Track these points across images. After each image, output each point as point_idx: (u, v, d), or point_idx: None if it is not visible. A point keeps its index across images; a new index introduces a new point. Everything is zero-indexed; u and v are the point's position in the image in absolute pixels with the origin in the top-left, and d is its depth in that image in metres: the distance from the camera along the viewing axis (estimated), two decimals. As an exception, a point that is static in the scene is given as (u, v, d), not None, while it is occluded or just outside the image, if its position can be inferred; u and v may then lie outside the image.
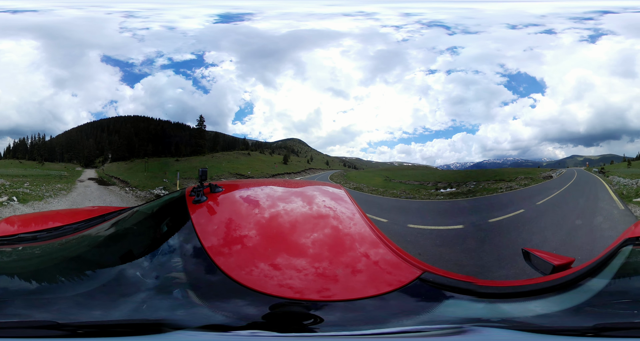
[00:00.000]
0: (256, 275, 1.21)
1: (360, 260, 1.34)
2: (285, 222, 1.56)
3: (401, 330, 1.08)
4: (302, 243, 1.40)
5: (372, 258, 1.36)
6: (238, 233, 1.47)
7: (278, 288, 1.15)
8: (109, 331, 1.06)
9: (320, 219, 1.61)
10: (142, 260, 1.40)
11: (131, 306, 1.13)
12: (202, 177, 1.88)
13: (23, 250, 1.69)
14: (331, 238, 1.47)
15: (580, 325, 1.08)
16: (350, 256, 1.37)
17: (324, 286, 1.20)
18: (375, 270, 1.31)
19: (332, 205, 1.76)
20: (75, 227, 1.93)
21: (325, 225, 1.55)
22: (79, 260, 1.58)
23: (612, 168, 14.78)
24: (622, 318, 1.10)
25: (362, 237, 1.48)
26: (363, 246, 1.43)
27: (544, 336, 1.07)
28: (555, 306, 1.17)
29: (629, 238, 1.54)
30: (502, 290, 1.38)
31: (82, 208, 2.83)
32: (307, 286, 1.18)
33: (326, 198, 1.87)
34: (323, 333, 1.06)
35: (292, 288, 1.16)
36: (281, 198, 1.83)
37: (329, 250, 1.38)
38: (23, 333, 1.04)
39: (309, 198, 1.88)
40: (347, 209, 1.70)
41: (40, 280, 1.37)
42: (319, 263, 1.30)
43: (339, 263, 1.32)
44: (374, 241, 1.44)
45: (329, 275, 1.25)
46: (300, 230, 1.49)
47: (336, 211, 1.68)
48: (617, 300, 1.19)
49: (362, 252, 1.39)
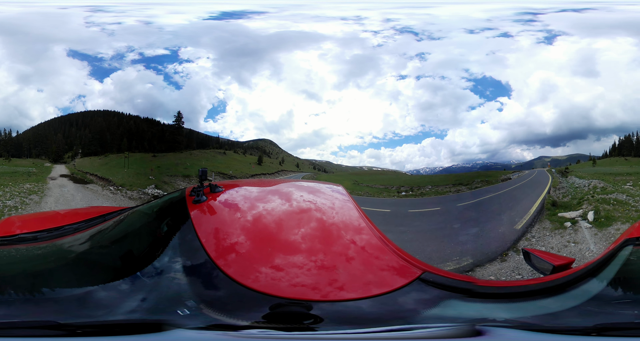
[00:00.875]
0: (256, 274, 1.21)
1: (360, 260, 1.34)
2: (285, 221, 1.56)
3: (401, 329, 1.08)
4: (302, 241, 1.40)
5: (372, 258, 1.36)
6: (238, 233, 1.47)
7: (278, 288, 1.16)
8: (109, 330, 1.06)
9: (320, 214, 1.62)
10: (142, 260, 1.40)
11: (131, 306, 1.13)
12: (202, 176, 1.88)
13: (23, 250, 1.69)
14: (326, 231, 1.49)
15: (581, 325, 1.08)
16: (342, 245, 1.40)
17: (324, 285, 1.20)
18: (375, 270, 1.31)
19: (328, 199, 1.78)
20: (75, 227, 1.93)
21: (320, 220, 1.58)
22: (79, 260, 1.59)
23: (577, 168, 14.91)
24: (623, 318, 1.10)
25: (353, 227, 1.53)
26: (349, 233, 1.48)
27: (544, 335, 1.07)
28: (556, 306, 1.17)
29: (629, 238, 1.53)
30: (502, 290, 1.38)
31: (82, 208, 2.83)
32: (308, 285, 1.18)
33: (325, 194, 1.89)
34: (323, 332, 1.06)
35: (293, 288, 1.16)
36: (280, 197, 1.83)
37: (326, 243, 1.40)
38: (23, 332, 1.04)
39: (308, 196, 1.88)
40: (342, 203, 1.78)
41: (40, 280, 1.37)
42: (316, 256, 1.31)
43: (334, 254, 1.34)
44: (374, 241, 1.44)
45: (329, 272, 1.25)
46: (300, 229, 1.50)
47: (335, 205, 1.72)
48: (617, 300, 1.19)
49: (360, 247, 1.40)
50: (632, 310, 1.13)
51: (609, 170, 13.60)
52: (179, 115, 16.01)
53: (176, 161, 15.73)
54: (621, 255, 1.40)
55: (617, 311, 1.14)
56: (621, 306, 1.16)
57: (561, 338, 1.06)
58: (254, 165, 17.99)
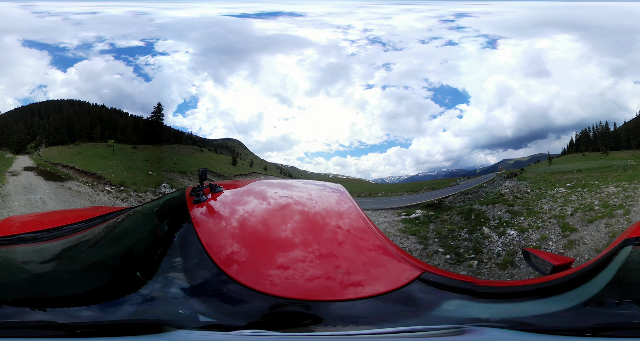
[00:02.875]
0: (256, 274, 1.21)
1: (360, 260, 1.34)
2: (284, 221, 1.56)
3: (401, 330, 1.08)
4: (301, 241, 1.41)
5: (372, 258, 1.36)
6: (238, 233, 1.47)
7: (278, 288, 1.16)
8: (109, 331, 1.06)
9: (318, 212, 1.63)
10: (142, 260, 1.40)
11: (131, 306, 1.13)
12: (202, 176, 1.88)
13: (23, 250, 1.69)
14: (318, 226, 1.53)
15: (580, 325, 1.08)
16: (344, 247, 1.42)
17: (324, 285, 1.20)
18: (375, 269, 1.31)
19: (330, 200, 1.78)
20: (75, 227, 1.93)
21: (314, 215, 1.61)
22: (79, 260, 1.59)
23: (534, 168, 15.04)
24: (623, 318, 1.10)
25: (354, 228, 1.55)
26: (351, 235, 1.50)
27: (544, 336, 1.07)
28: (555, 306, 1.17)
29: (628, 238, 1.53)
30: (502, 290, 1.39)
31: (82, 208, 2.83)
32: (308, 285, 1.19)
33: (331, 195, 1.92)
34: (322, 332, 1.06)
35: (292, 288, 1.16)
36: (278, 196, 1.83)
37: (330, 242, 1.40)
38: (23, 333, 1.04)
39: (306, 195, 1.88)
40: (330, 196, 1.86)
41: (40, 280, 1.37)
42: (316, 255, 1.31)
43: (334, 252, 1.36)
44: (373, 241, 1.44)
45: (329, 272, 1.25)
46: (300, 228, 1.50)
47: (340, 209, 1.73)
48: (617, 300, 1.19)
49: (360, 247, 1.40)
50: (631, 310, 1.13)
51: (563, 167, 13.74)
52: (159, 107, 15.62)
53: (161, 155, 15.44)
54: (621, 255, 1.40)
55: (616, 311, 1.14)
56: (621, 306, 1.16)
57: (561, 338, 1.06)
58: (231, 165, 18.04)
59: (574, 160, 14.68)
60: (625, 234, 1.63)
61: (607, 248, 1.55)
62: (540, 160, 16.02)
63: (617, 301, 1.19)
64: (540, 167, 15.14)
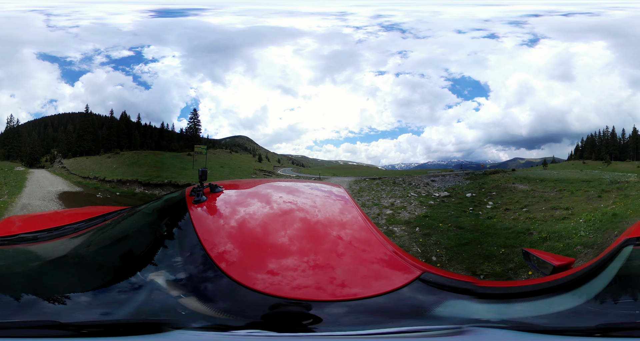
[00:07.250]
0: (256, 274, 1.21)
1: (360, 260, 1.34)
2: (284, 220, 1.56)
3: (401, 330, 1.08)
4: (300, 241, 1.40)
5: (372, 258, 1.36)
6: (238, 233, 1.47)
7: (278, 288, 1.16)
8: (109, 331, 1.06)
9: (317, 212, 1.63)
10: (142, 260, 1.40)
11: (131, 306, 1.13)
12: (202, 177, 1.88)
13: (23, 250, 1.69)
14: (320, 227, 1.52)
15: (581, 326, 1.08)
16: (341, 245, 1.42)
17: (324, 285, 1.20)
18: (375, 270, 1.31)
19: (329, 199, 1.78)
20: (75, 227, 1.93)
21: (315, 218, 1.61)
22: (79, 260, 1.59)
23: (525, 171, 15.01)
24: (623, 319, 1.10)
25: (353, 227, 1.55)
26: (350, 233, 1.50)
27: (544, 336, 1.07)
28: (556, 306, 1.17)
29: (629, 238, 1.53)
30: (502, 290, 1.38)
31: (82, 208, 2.83)
32: (307, 285, 1.19)
33: (330, 193, 1.91)
34: (322, 333, 1.06)
35: (292, 288, 1.16)
36: (278, 196, 1.83)
37: (327, 242, 1.40)
38: (24, 333, 1.04)
39: (306, 195, 1.88)
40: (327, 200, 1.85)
41: (41, 280, 1.37)
42: (316, 255, 1.31)
43: (334, 253, 1.35)
44: (373, 241, 1.44)
45: (328, 272, 1.25)
46: (299, 229, 1.50)
47: (339, 207, 1.74)
48: (617, 301, 1.19)
49: (359, 248, 1.40)
50: (632, 310, 1.13)
51: (550, 174, 13.57)
52: (195, 113, 15.65)
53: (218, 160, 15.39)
54: (621, 255, 1.40)
55: (617, 311, 1.14)
56: (621, 306, 1.16)
57: (562, 338, 1.05)
58: (257, 162, 18.08)
59: (571, 167, 14.56)
60: (626, 234, 1.63)
61: (608, 248, 1.55)
62: (547, 163, 16.02)
63: (618, 301, 1.19)
64: (537, 170, 15.06)
